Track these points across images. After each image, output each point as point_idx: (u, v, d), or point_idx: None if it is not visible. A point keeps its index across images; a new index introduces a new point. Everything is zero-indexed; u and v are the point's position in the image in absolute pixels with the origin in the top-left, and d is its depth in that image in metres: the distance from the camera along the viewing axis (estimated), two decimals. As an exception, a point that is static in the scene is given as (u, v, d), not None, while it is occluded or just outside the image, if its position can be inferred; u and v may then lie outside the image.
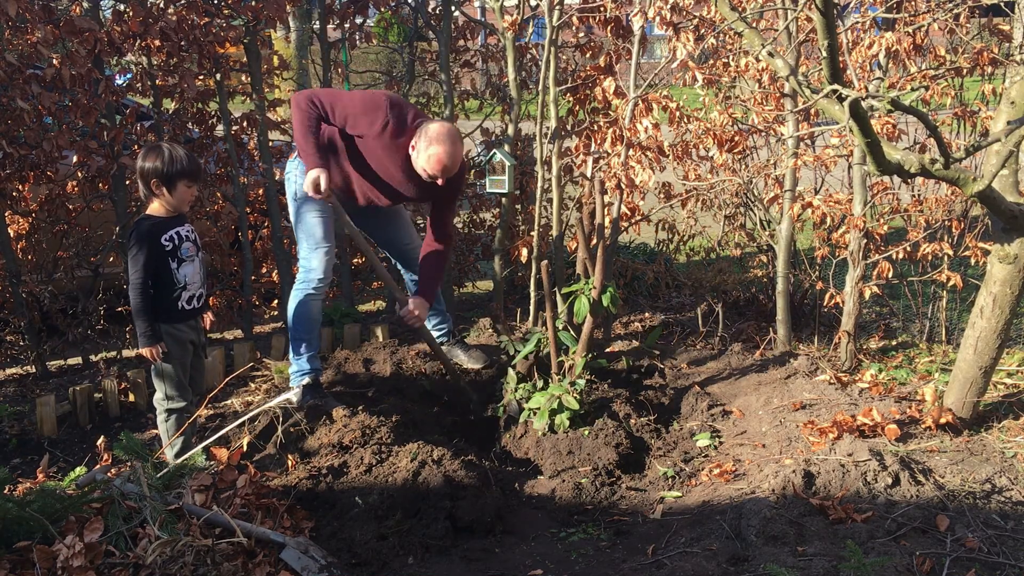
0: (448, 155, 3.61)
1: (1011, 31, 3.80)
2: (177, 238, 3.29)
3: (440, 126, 3.64)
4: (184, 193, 3.28)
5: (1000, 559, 2.50)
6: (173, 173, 3.21)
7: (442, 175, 3.66)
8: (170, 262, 3.26)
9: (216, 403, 3.90)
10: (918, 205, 4.47)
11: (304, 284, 3.81)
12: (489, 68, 5.73)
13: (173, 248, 3.27)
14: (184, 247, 3.31)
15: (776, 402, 3.85)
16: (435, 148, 3.60)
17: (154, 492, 2.64)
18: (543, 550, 2.94)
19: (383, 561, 2.78)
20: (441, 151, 3.60)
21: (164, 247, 3.25)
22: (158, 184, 3.22)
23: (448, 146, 3.60)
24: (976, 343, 3.36)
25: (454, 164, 3.66)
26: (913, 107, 2.74)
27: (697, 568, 2.56)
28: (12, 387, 4.32)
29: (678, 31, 4.00)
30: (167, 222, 3.28)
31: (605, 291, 3.73)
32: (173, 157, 3.22)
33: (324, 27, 5.14)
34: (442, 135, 3.61)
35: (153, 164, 3.21)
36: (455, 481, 3.10)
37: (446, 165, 3.63)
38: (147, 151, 3.25)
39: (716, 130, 4.59)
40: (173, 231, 3.29)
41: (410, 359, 4.32)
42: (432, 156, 3.61)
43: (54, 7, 4.15)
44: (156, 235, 3.24)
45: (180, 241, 3.30)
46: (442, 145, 3.59)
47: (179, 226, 3.32)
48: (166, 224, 3.27)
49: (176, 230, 3.30)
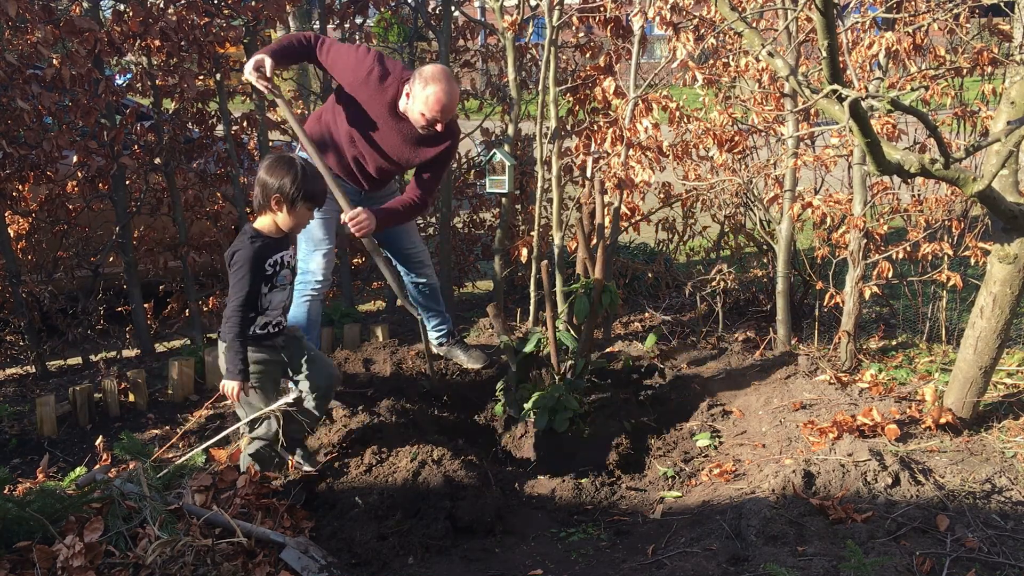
0: (446, 93, 3.45)
1: (1011, 31, 3.80)
2: (279, 264, 3.01)
3: (434, 66, 3.53)
4: (304, 216, 3.00)
5: (1000, 559, 2.50)
6: (300, 195, 2.92)
7: (441, 116, 3.51)
8: (263, 287, 2.97)
9: (216, 403, 3.90)
10: (918, 205, 4.47)
11: (302, 286, 3.74)
12: (489, 68, 5.73)
13: (272, 274, 2.99)
14: (282, 275, 3.04)
15: (776, 402, 3.85)
16: (432, 87, 3.44)
17: (154, 492, 2.64)
18: (543, 550, 2.94)
19: (383, 561, 2.78)
20: (439, 89, 3.44)
21: (265, 272, 2.97)
22: (279, 201, 2.93)
23: (445, 84, 3.45)
24: (976, 343, 3.36)
25: (452, 102, 3.50)
26: (913, 107, 2.74)
27: (697, 568, 2.56)
28: (12, 387, 4.32)
29: (678, 31, 4.00)
30: (274, 245, 2.99)
31: (605, 291, 3.73)
32: (305, 176, 2.94)
33: (324, 27, 5.14)
34: (436, 74, 3.47)
35: (281, 181, 2.91)
36: (455, 481, 3.10)
37: (444, 104, 3.47)
38: (276, 164, 2.94)
39: (716, 130, 4.59)
40: (278, 255, 3.01)
41: (410, 359, 4.32)
42: (430, 96, 3.45)
43: (54, 7, 4.15)
44: (263, 258, 2.95)
45: (280, 268, 3.02)
46: (439, 83, 3.44)
47: (284, 250, 3.03)
48: (273, 247, 2.99)
49: (280, 255, 3.02)
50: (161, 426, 3.81)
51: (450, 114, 3.56)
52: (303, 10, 6.58)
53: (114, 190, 4.48)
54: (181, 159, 4.67)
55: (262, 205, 2.97)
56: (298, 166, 2.94)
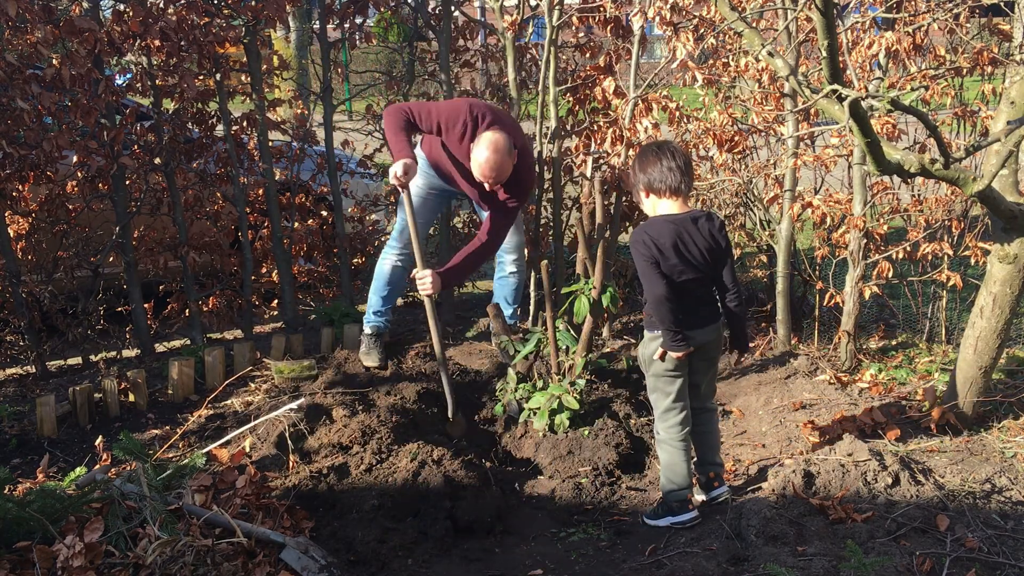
0: (489, 164, 3.72)
1: (1011, 31, 3.80)
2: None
3: (490, 133, 3.76)
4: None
5: (1000, 559, 2.50)
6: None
7: (486, 181, 3.79)
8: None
9: (216, 403, 3.91)
10: (918, 205, 4.47)
11: (387, 248, 4.35)
12: (489, 68, 5.73)
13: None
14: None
15: (776, 402, 3.85)
16: (477, 153, 3.75)
17: (154, 492, 2.64)
18: (543, 550, 2.94)
19: (383, 561, 2.78)
20: (482, 158, 3.73)
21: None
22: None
23: (490, 155, 3.72)
24: (976, 343, 3.36)
25: (493, 172, 3.76)
26: (913, 107, 2.74)
27: (697, 568, 2.57)
28: (12, 387, 4.32)
29: (678, 31, 4.00)
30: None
31: (605, 291, 3.73)
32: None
33: (324, 27, 5.14)
34: (487, 142, 3.73)
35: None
36: (455, 481, 3.10)
37: (484, 173, 3.76)
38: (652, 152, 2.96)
39: (716, 130, 4.59)
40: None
41: (410, 359, 4.32)
42: (475, 161, 3.77)
43: (54, 7, 4.15)
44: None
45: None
46: (485, 152, 3.72)
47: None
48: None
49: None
50: (161, 426, 3.81)
51: (492, 180, 3.80)
52: (303, 10, 6.59)
53: (114, 190, 4.48)
54: (181, 159, 4.67)
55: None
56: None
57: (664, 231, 2.88)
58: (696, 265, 2.90)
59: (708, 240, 2.91)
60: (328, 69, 5.18)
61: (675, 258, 2.87)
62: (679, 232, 2.88)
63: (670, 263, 2.87)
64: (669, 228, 2.88)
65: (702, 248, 2.90)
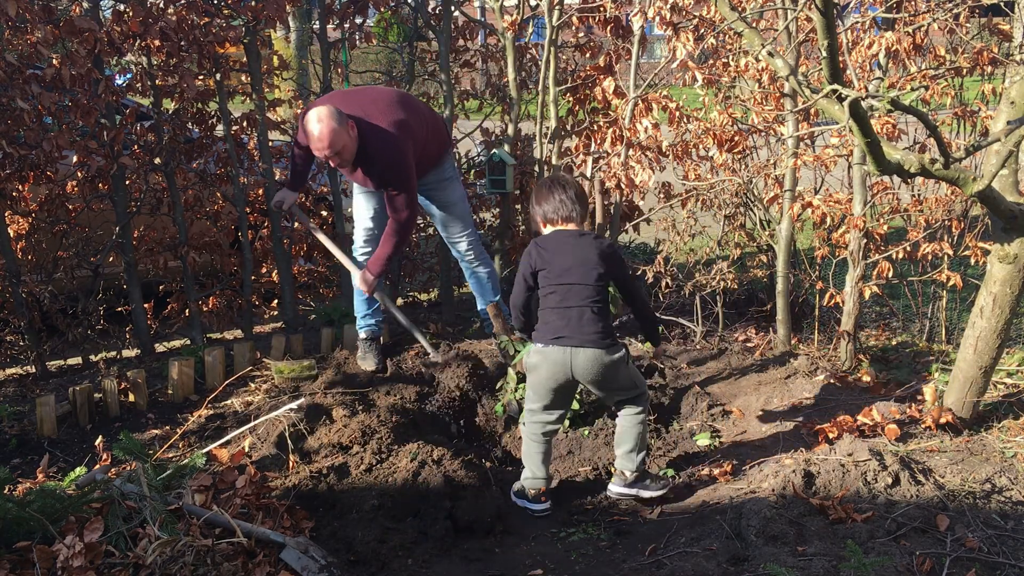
0: (312, 138, 3.70)
1: (1011, 31, 3.80)
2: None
3: (312, 109, 3.72)
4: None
5: (1000, 559, 2.50)
6: None
7: (321, 155, 3.76)
8: None
9: (216, 403, 3.91)
10: (918, 205, 4.47)
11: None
12: (489, 68, 5.73)
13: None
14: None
15: (776, 402, 3.85)
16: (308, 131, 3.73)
17: (154, 492, 2.64)
18: (543, 550, 2.94)
19: (383, 561, 2.78)
20: (308, 132, 3.72)
21: None
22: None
23: (311, 127, 3.68)
24: (976, 343, 3.36)
25: (321, 143, 3.68)
26: (913, 107, 2.74)
27: (697, 568, 2.57)
28: (12, 387, 4.32)
29: (678, 31, 4.00)
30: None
31: (605, 291, 3.72)
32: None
33: (324, 27, 5.14)
34: (309, 117, 3.70)
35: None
36: (455, 481, 3.10)
37: (316, 148, 3.74)
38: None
39: (716, 130, 4.60)
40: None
41: (410, 359, 4.32)
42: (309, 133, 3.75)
43: (54, 7, 4.15)
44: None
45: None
46: (308, 126, 3.71)
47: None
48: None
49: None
50: (161, 426, 3.81)
51: (337, 152, 3.73)
52: (303, 10, 6.59)
53: (114, 190, 4.48)
54: (181, 159, 4.67)
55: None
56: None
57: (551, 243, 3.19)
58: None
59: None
60: (328, 69, 5.18)
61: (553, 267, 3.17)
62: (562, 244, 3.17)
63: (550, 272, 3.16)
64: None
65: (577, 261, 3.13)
